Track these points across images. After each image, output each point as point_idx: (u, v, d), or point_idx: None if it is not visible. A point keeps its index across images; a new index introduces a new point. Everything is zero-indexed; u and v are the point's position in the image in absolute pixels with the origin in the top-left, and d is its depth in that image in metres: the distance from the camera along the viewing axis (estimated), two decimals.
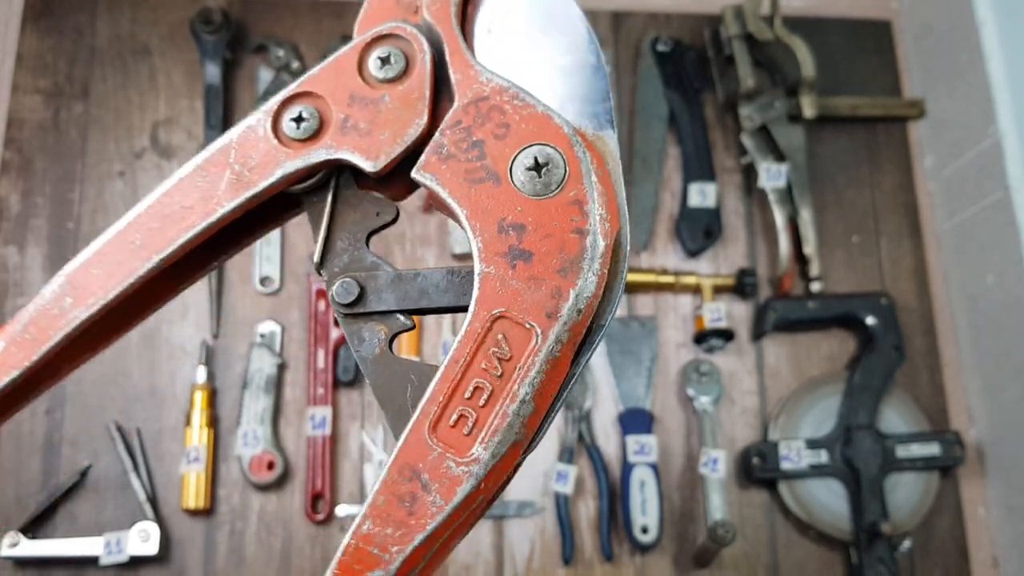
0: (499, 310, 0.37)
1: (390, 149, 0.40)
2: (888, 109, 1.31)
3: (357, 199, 0.43)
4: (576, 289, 0.36)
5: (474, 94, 0.40)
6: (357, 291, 0.41)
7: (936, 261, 1.27)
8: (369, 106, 0.41)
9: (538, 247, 0.37)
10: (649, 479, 1.11)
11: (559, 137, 0.38)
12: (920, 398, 1.20)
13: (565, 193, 0.38)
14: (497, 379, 0.36)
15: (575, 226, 0.37)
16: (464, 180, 0.39)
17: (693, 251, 1.23)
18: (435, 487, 0.36)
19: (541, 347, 0.36)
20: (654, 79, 1.29)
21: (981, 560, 1.15)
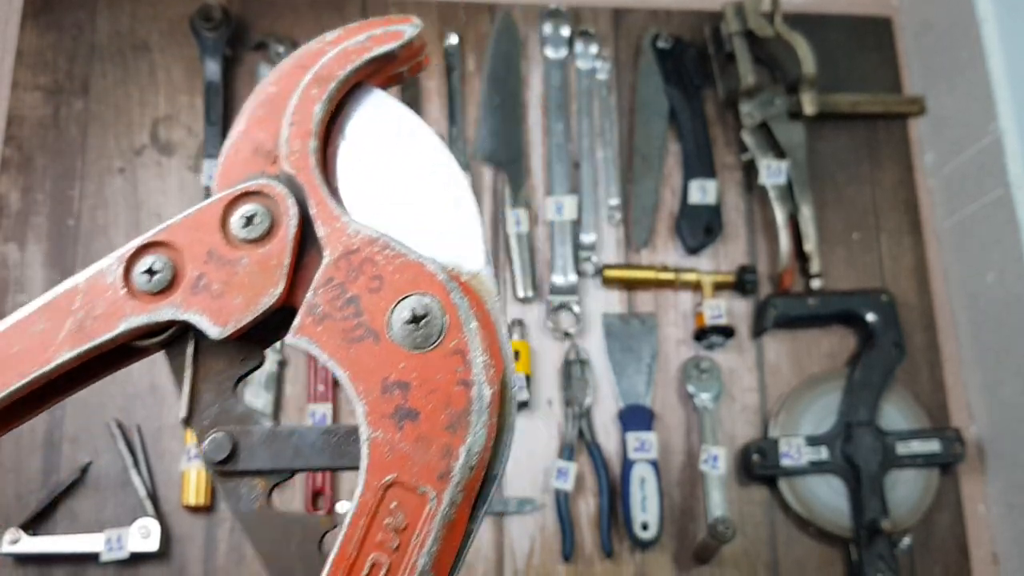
0: (390, 477, 0.35)
1: (240, 316, 0.38)
2: (888, 106, 1.31)
3: (220, 347, 0.41)
4: (467, 445, 0.35)
5: (344, 248, 0.38)
6: (229, 447, 0.39)
7: (936, 258, 1.27)
8: (226, 266, 0.39)
9: (424, 404, 0.35)
10: (649, 476, 1.11)
11: (434, 285, 0.37)
12: (920, 395, 1.20)
13: (446, 344, 0.36)
14: (394, 552, 0.35)
15: (459, 377, 0.36)
16: (342, 340, 0.36)
17: (693, 248, 1.23)
18: None
19: (436, 511, 0.34)
20: (654, 76, 1.29)
21: (981, 557, 1.15)
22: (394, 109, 0.43)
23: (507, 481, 1.13)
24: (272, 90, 0.42)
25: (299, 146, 0.40)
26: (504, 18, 1.31)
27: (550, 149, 1.25)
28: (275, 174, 0.40)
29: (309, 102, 0.41)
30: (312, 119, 0.40)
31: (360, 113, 0.43)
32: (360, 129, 0.42)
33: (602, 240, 1.23)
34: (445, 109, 1.27)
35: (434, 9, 1.31)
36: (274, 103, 0.42)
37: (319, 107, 0.41)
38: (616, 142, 1.27)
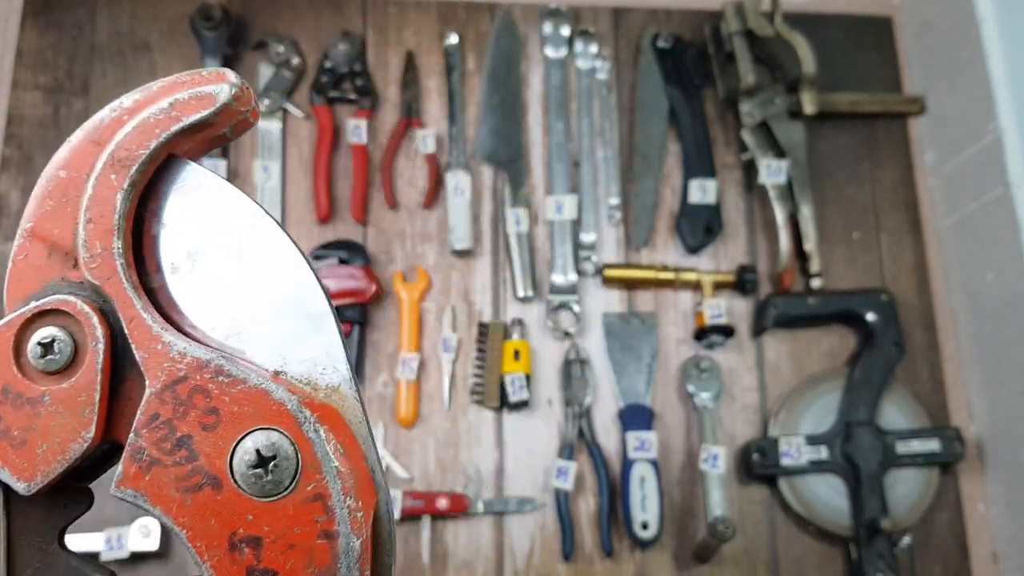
0: None
1: (47, 468, 0.32)
2: (888, 105, 1.31)
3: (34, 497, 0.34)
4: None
5: (168, 376, 0.31)
6: None
7: (936, 257, 1.27)
8: (25, 406, 0.32)
9: (281, 563, 0.30)
10: (649, 475, 1.11)
11: (282, 417, 0.31)
12: (920, 394, 1.20)
13: (302, 488, 0.31)
14: None
15: (320, 528, 0.30)
16: (176, 491, 0.31)
17: (693, 247, 1.23)
18: None
19: None
20: (654, 75, 1.29)
21: (981, 556, 1.15)
22: (217, 186, 0.35)
23: (507, 481, 1.13)
24: (62, 175, 0.34)
25: (100, 248, 0.33)
26: (504, 17, 1.31)
27: (550, 148, 1.25)
28: (78, 280, 0.33)
29: (109, 191, 0.33)
30: (114, 212, 0.33)
31: (177, 193, 0.35)
32: (178, 214, 0.35)
33: (602, 239, 1.23)
34: (445, 108, 1.27)
35: (434, 8, 1.31)
36: (66, 191, 0.34)
37: (120, 196, 0.33)
38: (616, 141, 1.27)
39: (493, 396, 1.14)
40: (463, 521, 1.11)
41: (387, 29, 1.30)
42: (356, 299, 1.14)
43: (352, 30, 1.29)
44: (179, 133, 0.34)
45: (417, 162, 1.25)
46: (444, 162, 1.24)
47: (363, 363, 1.16)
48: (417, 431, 1.14)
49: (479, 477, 1.12)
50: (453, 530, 1.11)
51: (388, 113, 1.27)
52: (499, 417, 1.15)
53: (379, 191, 1.22)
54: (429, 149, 1.23)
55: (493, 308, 1.19)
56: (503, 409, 1.15)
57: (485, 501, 1.11)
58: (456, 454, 1.13)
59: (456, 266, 1.21)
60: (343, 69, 1.25)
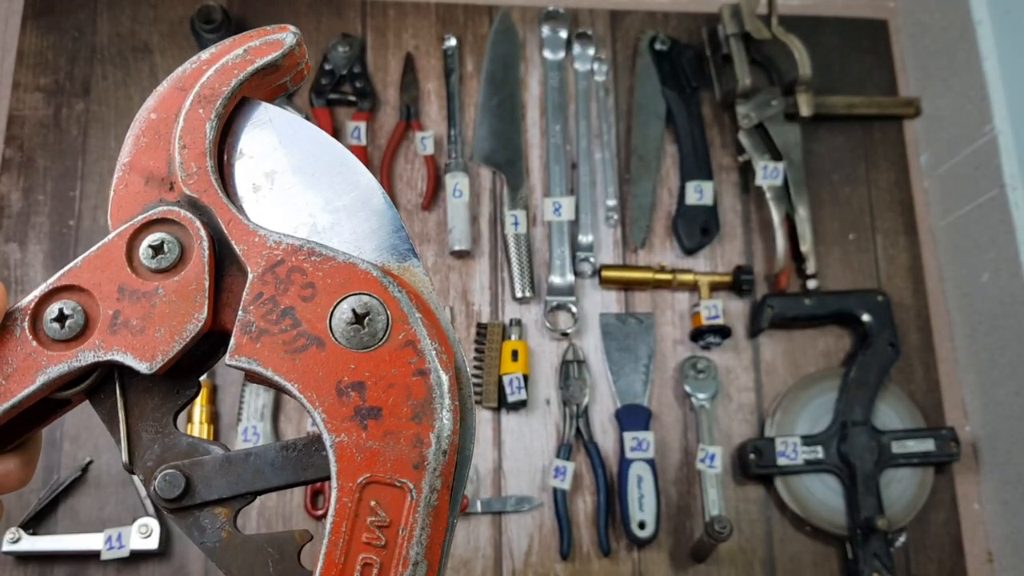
0: (364, 477, 0.34)
1: (167, 348, 0.36)
2: (884, 107, 1.32)
3: (151, 383, 0.39)
4: (436, 431, 0.35)
5: (267, 261, 0.37)
6: (183, 483, 0.38)
7: (931, 258, 1.28)
8: (141, 300, 0.37)
9: (384, 400, 0.35)
10: (646, 475, 1.11)
11: (369, 283, 0.36)
12: (915, 394, 1.21)
13: (394, 338, 0.35)
14: (383, 550, 0.34)
15: (415, 368, 0.35)
16: (285, 353, 0.36)
17: (690, 249, 1.23)
18: None
19: (418, 501, 0.34)
20: (652, 77, 1.29)
21: (976, 555, 1.16)
22: (286, 118, 0.41)
23: (505, 480, 1.14)
24: (153, 116, 0.40)
25: (196, 168, 0.38)
26: (503, 20, 1.32)
27: (548, 150, 1.26)
28: (175, 200, 0.39)
29: (198, 122, 0.39)
30: (204, 139, 0.39)
31: (251, 127, 0.41)
32: (255, 143, 0.41)
33: (599, 241, 1.24)
34: (444, 110, 1.28)
35: (433, 10, 1.32)
36: (158, 129, 0.40)
37: (209, 126, 0.39)
38: (614, 143, 1.28)
39: (491, 396, 1.14)
40: (462, 520, 1.12)
41: (386, 31, 1.31)
42: None
43: (351, 32, 1.29)
44: (253, 74, 0.41)
45: (416, 164, 1.25)
46: (443, 164, 1.25)
47: None
48: None
49: (478, 476, 1.13)
50: None
51: (387, 115, 1.27)
52: (497, 417, 1.16)
53: None
54: (428, 151, 1.23)
55: (491, 309, 1.20)
56: (501, 409, 1.16)
57: (483, 500, 1.12)
58: None
59: (455, 267, 1.21)
60: (342, 71, 1.26)
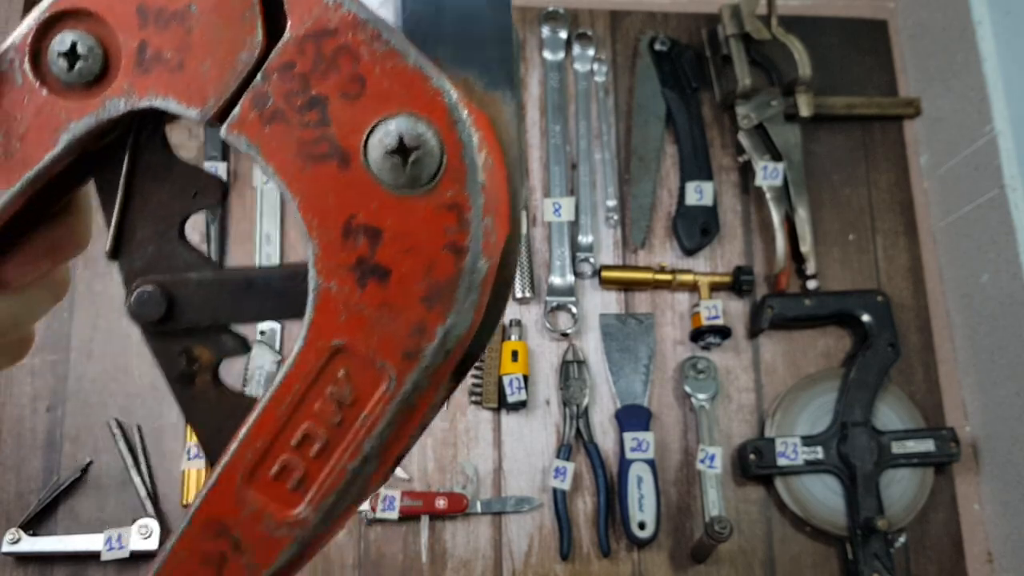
0: (339, 341, 0.28)
1: (220, 86, 0.28)
2: (884, 108, 1.32)
3: (166, 168, 0.31)
4: (445, 326, 0.27)
5: (315, 24, 0.27)
6: (163, 303, 0.31)
7: (931, 259, 1.28)
8: (172, 25, 0.28)
9: (398, 264, 0.27)
10: (646, 475, 1.11)
11: (436, 107, 0.27)
12: (915, 395, 1.21)
13: (440, 192, 0.27)
14: (335, 428, 0.28)
15: (449, 240, 0.27)
16: (297, 154, 0.27)
17: (690, 249, 1.23)
18: (250, 549, 0.29)
19: (394, 394, 0.28)
20: (651, 78, 1.29)
21: (976, 555, 1.16)
22: None
23: (505, 480, 1.14)
24: None
25: None
26: None
27: (548, 151, 1.26)
28: None
29: None
30: None
31: None
32: None
33: (599, 241, 1.24)
34: None
35: None
36: None
37: None
38: (613, 144, 1.28)
39: (491, 397, 1.14)
40: (462, 521, 1.12)
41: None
42: None
43: None
44: None
45: None
46: None
47: None
48: None
49: (477, 477, 1.13)
50: (452, 530, 1.11)
51: None
52: (497, 417, 1.16)
53: None
54: None
55: None
56: (501, 409, 1.16)
57: (483, 501, 1.12)
58: (455, 454, 1.14)
59: None
60: None
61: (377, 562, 1.09)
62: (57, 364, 1.13)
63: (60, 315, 1.15)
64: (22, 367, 1.13)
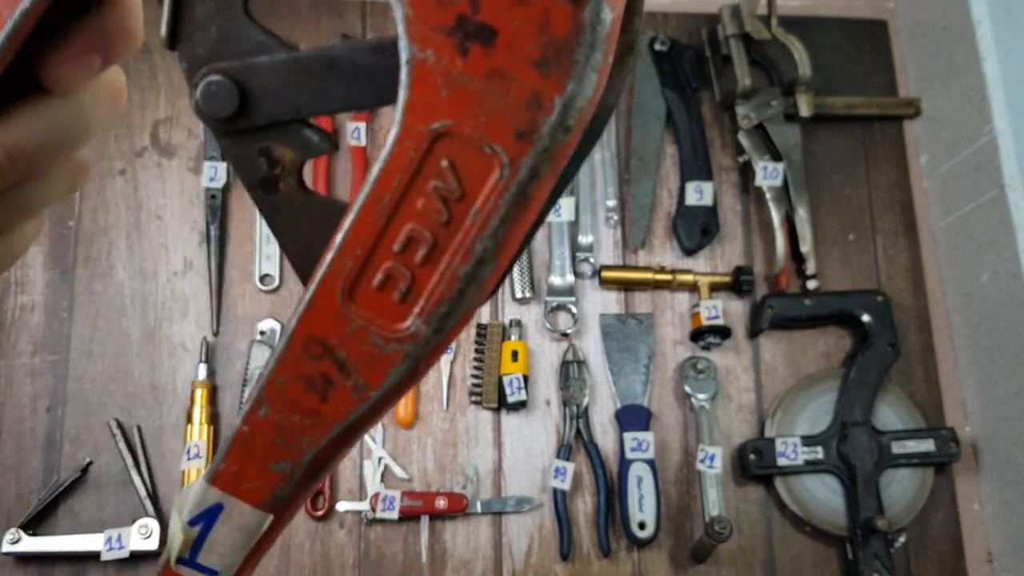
0: (442, 124, 0.24)
1: None
2: (884, 108, 1.32)
3: None
4: (565, 95, 0.23)
5: None
6: (236, 96, 0.27)
7: (931, 259, 1.28)
8: None
9: (505, 21, 0.23)
10: (646, 475, 1.11)
11: None
12: (915, 395, 1.21)
13: None
14: (442, 227, 0.25)
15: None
16: None
17: (690, 249, 1.23)
18: (357, 369, 0.27)
19: (509, 184, 0.24)
20: (651, 78, 1.29)
21: (976, 555, 1.16)
22: None
23: (505, 480, 1.14)
24: None
25: None
26: None
27: None
28: None
29: None
30: None
31: None
32: None
33: (599, 241, 1.24)
34: None
35: None
36: None
37: None
38: (613, 144, 1.28)
39: (491, 397, 1.14)
40: (462, 521, 1.12)
41: (386, 32, 1.31)
42: None
43: (351, 33, 1.29)
44: None
45: None
46: None
47: None
48: (416, 432, 1.15)
49: (477, 477, 1.13)
50: (452, 530, 1.11)
51: (387, 116, 1.27)
52: (497, 417, 1.16)
53: None
54: None
55: (491, 309, 1.20)
56: (501, 409, 1.16)
57: (483, 501, 1.12)
58: (455, 454, 1.14)
59: None
60: None
61: (377, 562, 1.09)
62: (57, 364, 1.14)
63: (60, 315, 1.15)
64: (22, 367, 1.13)
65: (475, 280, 0.26)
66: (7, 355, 1.13)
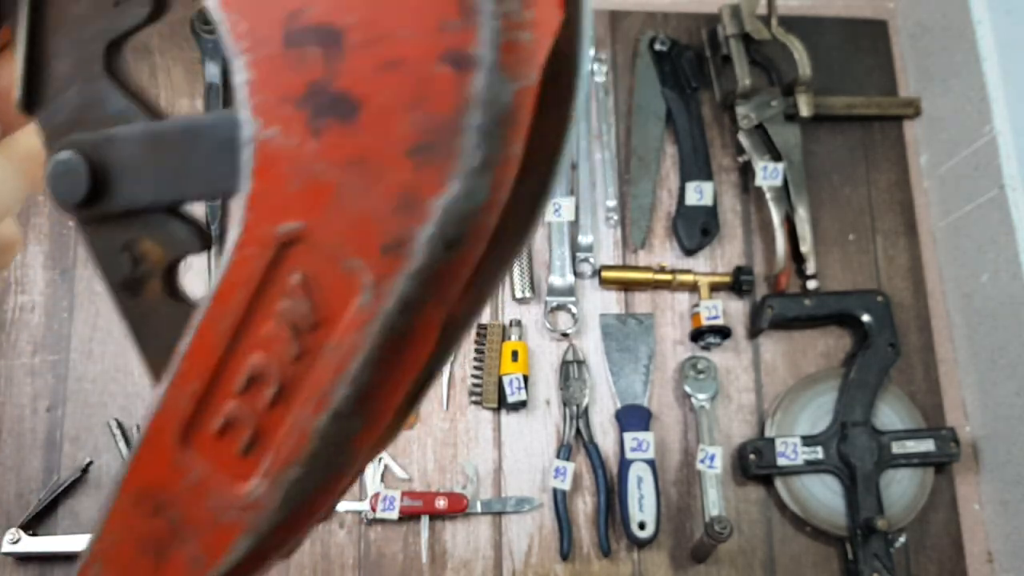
0: (291, 226, 0.18)
1: None
2: (884, 108, 1.32)
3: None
4: (445, 198, 0.17)
5: None
6: (87, 175, 0.21)
7: (931, 259, 1.28)
8: None
9: (369, 90, 0.17)
10: (646, 475, 1.11)
11: None
12: (915, 395, 1.21)
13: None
14: (292, 363, 0.19)
15: (447, 46, 0.16)
16: None
17: (690, 249, 1.23)
18: (194, 535, 0.21)
19: (373, 313, 0.18)
20: (651, 78, 1.29)
21: (976, 555, 1.16)
22: None
23: (505, 480, 1.14)
24: None
25: None
26: None
27: None
28: None
29: None
30: None
31: None
32: None
33: (599, 241, 1.24)
34: None
35: None
36: None
37: None
38: (613, 144, 1.28)
39: (491, 397, 1.14)
40: (462, 521, 1.12)
41: None
42: None
43: None
44: None
45: None
46: None
47: None
48: (416, 432, 1.15)
49: (477, 477, 1.13)
50: (452, 530, 1.11)
51: None
52: (497, 417, 1.16)
53: None
54: None
55: (491, 309, 1.20)
56: (501, 409, 1.16)
57: (483, 501, 1.12)
58: (455, 454, 1.14)
59: None
60: None
61: (377, 562, 1.09)
62: (57, 364, 1.14)
63: (60, 315, 1.15)
64: (22, 367, 1.13)
65: (332, 439, 0.19)
66: (7, 355, 1.13)
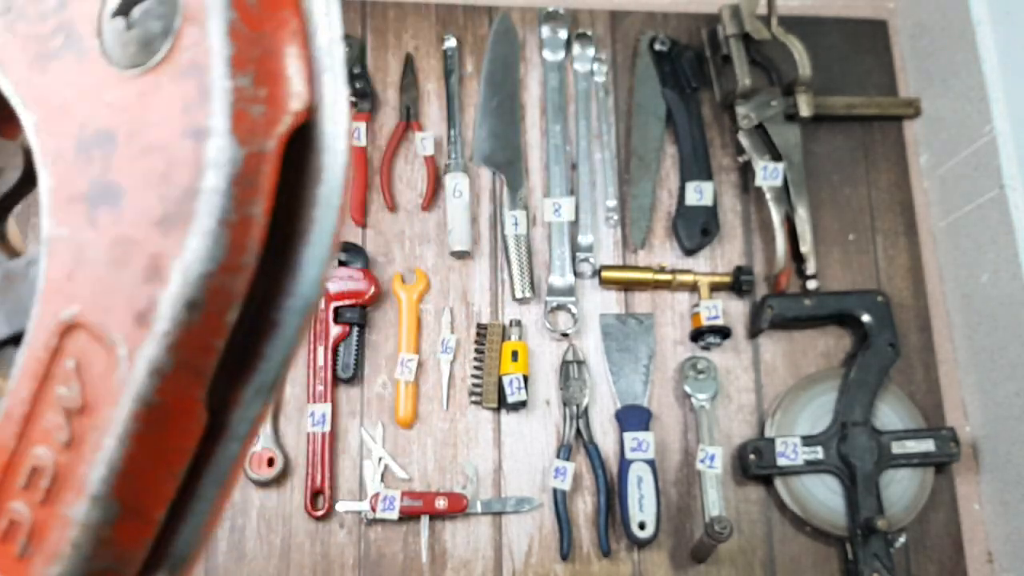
0: (71, 311, 0.18)
1: None
2: (884, 108, 1.32)
3: None
4: (184, 259, 0.17)
5: None
6: None
7: (931, 259, 1.28)
8: None
9: (132, 174, 0.18)
10: (646, 475, 1.11)
11: None
12: (915, 395, 1.21)
13: (177, 54, 0.18)
14: (64, 450, 0.18)
15: (189, 122, 0.18)
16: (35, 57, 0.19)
17: (690, 249, 1.23)
18: None
19: (125, 382, 0.18)
20: (651, 78, 1.29)
21: (976, 555, 1.16)
22: None
23: (505, 480, 1.14)
24: None
25: None
26: (502, 20, 1.32)
27: (548, 151, 1.26)
28: None
29: None
30: None
31: None
32: None
33: (599, 241, 1.24)
34: (443, 111, 1.28)
35: (433, 11, 1.32)
36: None
37: None
38: (613, 144, 1.28)
39: (491, 397, 1.14)
40: (461, 521, 1.12)
41: (386, 32, 1.31)
42: (355, 300, 1.15)
43: (351, 33, 1.29)
44: None
45: (416, 164, 1.25)
46: (443, 164, 1.25)
47: (362, 364, 1.16)
48: (416, 432, 1.15)
49: (477, 477, 1.13)
50: (452, 530, 1.11)
51: (387, 116, 1.27)
52: (497, 417, 1.16)
53: (378, 193, 1.23)
54: (428, 151, 1.23)
55: (491, 309, 1.20)
56: (501, 409, 1.16)
57: (483, 501, 1.12)
58: (455, 454, 1.14)
59: (455, 267, 1.21)
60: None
61: (377, 562, 1.09)
62: None
63: None
64: None
65: (93, 531, 0.17)
66: None
